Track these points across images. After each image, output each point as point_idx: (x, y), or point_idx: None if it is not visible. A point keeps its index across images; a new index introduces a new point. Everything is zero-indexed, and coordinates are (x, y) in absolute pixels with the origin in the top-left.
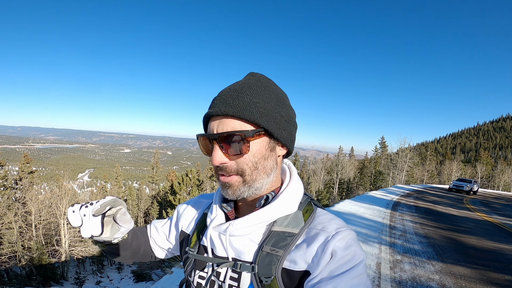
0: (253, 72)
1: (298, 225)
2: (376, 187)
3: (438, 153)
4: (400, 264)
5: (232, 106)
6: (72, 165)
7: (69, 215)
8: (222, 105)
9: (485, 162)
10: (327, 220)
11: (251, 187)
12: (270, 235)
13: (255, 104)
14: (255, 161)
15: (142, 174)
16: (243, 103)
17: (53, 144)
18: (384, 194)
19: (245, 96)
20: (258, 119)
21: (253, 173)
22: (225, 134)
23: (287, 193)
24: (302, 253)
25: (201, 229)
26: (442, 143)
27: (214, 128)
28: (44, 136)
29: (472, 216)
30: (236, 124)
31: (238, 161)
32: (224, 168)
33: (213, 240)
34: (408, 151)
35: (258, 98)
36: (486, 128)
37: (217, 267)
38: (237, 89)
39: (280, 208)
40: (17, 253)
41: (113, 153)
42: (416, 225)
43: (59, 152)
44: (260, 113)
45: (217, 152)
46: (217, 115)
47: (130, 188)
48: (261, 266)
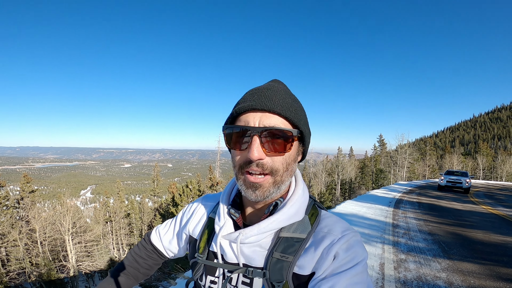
0: (276, 79)
1: (306, 230)
2: (378, 186)
3: (438, 147)
4: (405, 263)
5: (277, 103)
6: (74, 182)
7: None
8: (266, 100)
9: (485, 153)
10: (332, 223)
11: (279, 188)
12: (279, 241)
13: (295, 108)
14: (289, 162)
15: (143, 187)
16: (286, 104)
17: (53, 163)
18: (386, 192)
19: (286, 98)
20: (298, 122)
21: (284, 174)
22: (274, 129)
23: (295, 199)
24: (310, 258)
25: (208, 234)
26: (440, 137)
27: (255, 121)
28: (44, 155)
29: (477, 210)
30: (280, 121)
31: (274, 159)
32: (261, 165)
33: (223, 247)
34: (407, 147)
35: (295, 103)
36: (482, 120)
37: (229, 273)
38: (275, 90)
39: (289, 216)
40: (26, 270)
41: (114, 169)
42: (420, 222)
43: (59, 171)
44: (299, 116)
45: (257, 146)
46: (261, 109)
47: (132, 202)
48: (273, 272)
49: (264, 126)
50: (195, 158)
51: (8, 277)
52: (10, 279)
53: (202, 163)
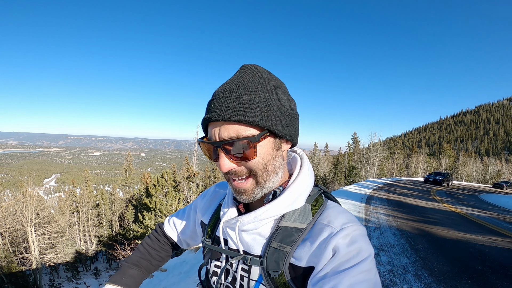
0: (246, 65)
1: (306, 220)
2: (351, 182)
3: (406, 147)
4: (377, 257)
5: (233, 110)
6: (37, 170)
7: None
8: (221, 110)
9: (448, 154)
10: (334, 214)
11: (264, 187)
12: (278, 230)
13: (256, 105)
14: (265, 163)
15: (114, 177)
16: (243, 105)
17: (14, 149)
18: (358, 189)
19: (244, 97)
20: (262, 121)
21: (264, 174)
22: (231, 141)
23: (294, 187)
24: (308, 249)
25: (215, 220)
26: (408, 137)
27: (216, 134)
28: (4, 141)
29: (440, 207)
30: (239, 128)
31: (247, 164)
32: (235, 173)
33: (226, 233)
34: (379, 145)
35: (259, 97)
36: (448, 122)
37: (230, 259)
38: (234, 89)
39: (286, 203)
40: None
41: (81, 157)
42: (389, 218)
43: (21, 157)
44: (263, 114)
45: (224, 159)
46: (217, 120)
47: (102, 192)
48: (270, 261)
49: (223, 139)
50: (170, 148)
51: None
52: None
53: (177, 153)
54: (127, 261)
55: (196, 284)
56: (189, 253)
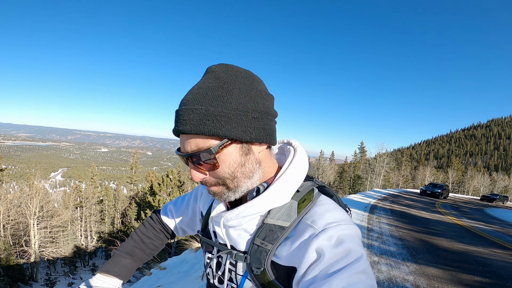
0: (211, 67)
1: (290, 218)
2: (355, 191)
3: (413, 158)
4: (377, 265)
5: (189, 123)
6: (45, 163)
7: None
8: (180, 123)
9: (456, 168)
10: (320, 213)
11: (236, 192)
12: (263, 227)
13: (212, 115)
14: (231, 171)
15: (120, 174)
16: (198, 117)
17: (25, 142)
18: (362, 198)
19: (200, 107)
20: (219, 131)
21: (234, 181)
22: (192, 154)
23: (278, 184)
24: (288, 249)
25: (209, 214)
26: (416, 149)
27: (182, 146)
28: (16, 133)
29: (443, 220)
30: (198, 141)
31: (214, 174)
32: (205, 182)
33: (215, 227)
34: (386, 156)
35: (216, 105)
36: (458, 136)
37: (220, 252)
38: (191, 100)
39: (269, 200)
40: None
41: (89, 152)
42: (392, 228)
43: (30, 150)
44: (220, 122)
45: (193, 171)
46: (177, 134)
47: (106, 188)
48: (253, 258)
49: (186, 152)
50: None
51: None
52: None
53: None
54: (120, 250)
55: (193, 284)
56: (189, 253)
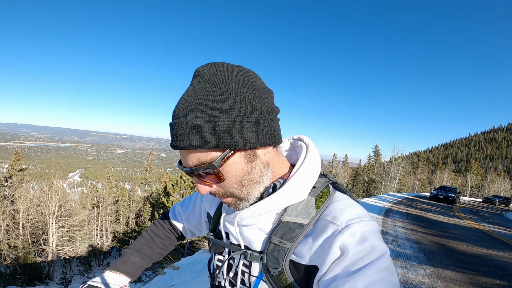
0: (198, 70)
1: (309, 215)
2: (369, 195)
3: (430, 162)
4: None
5: (185, 138)
6: (63, 164)
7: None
8: (176, 138)
9: (476, 172)
10: (340, 209)
11: (249, 200)
12: (280, 225)
13: (209, 126)
14: (239, 180)
15: (134, 175)
16: (194, 130)
17: (45, 143)
18: (376, 201)
19: (194, 119)
20: (220, 143)
21: (243, 190)
22: (195, 170)
23: (295, 179)
24: (309, 247)
25: (219, 213)
26: (434, 153)
27: (183, 160)
28: (36, 134)
29: (462, 224)
30: (199, 155)
31: (221, 185)
32: (213, 193)
33: (227, 227)
34: (401, 159)
35: (211, 114)
36: (477, 139)
37: (232, 253)
38: (183, 109)
39: (286, 197)
40: (3, 252)
41: (106, 153)
42: (408, 231)
43: (50, 151)
44: (218, 133)
45: (199, 184)
46: (176, 149)
47: (122, 189)
48: (269, 257)
49: (189, 167)
50: None
51: None
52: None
53: None
54: (130, 247)
55: (206, 283)
56: (202, 253)
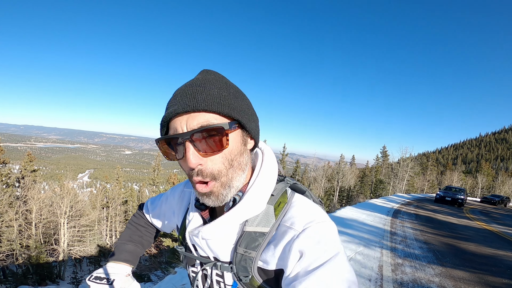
0: (206, 69)
1: (269, 223)
2: (377, 196)
3: (439, 163)
4: (401, 267)
5: (201, 100)
6: (73, 165)
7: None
8: (189, 100)
9: (486, 173)
10: (297, 214)
11: (231, 187)
12: (243, 235)
13: (224, 97)
14: (231, 158)
15: (142, 176)
16: (212, 96)
17: (55, 144)
18: (384, 202)
19: (211, 90)
20: (231, 112)
21: (229, 171)
22: (202, 129)
23: (253, 191)
24: (272, 253)
25: (185, 227)
26: (443, 153)
27: (182, 126)
28: (47, 135)
29: (471, 225)
30: (209, 117)
31: (213, 160)
32: (200, 173)
33: (194, 240)
34: (409, 160)
35: (225, 91)
36: (488, 140)
37: (204, 265)
38: (199, 84)
39: (247, 209)
40: (15, 251)
41: (114, 155)
42: (416, 232)
43: (60, 152)
44: (230, 105)
45: (192, 152)
46: (185, 111)
47: (131, 190)
48: (238, 267)
49: (192, 129)
50: None
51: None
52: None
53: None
54: (120, 239)
55: None
56: None
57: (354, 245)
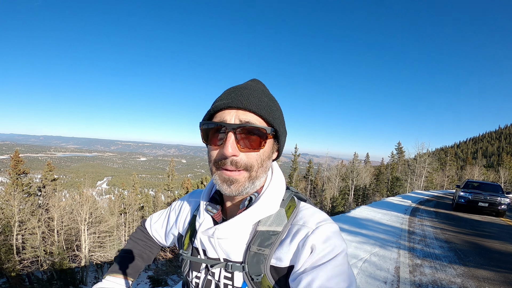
0: (256, 79)
1: (282, 223)
2: (393, 193)
3: (459, 158)
4: (420, 268)
5: (253, 103)
6: (91, 173)
7: None
8: (243, 99)
9: (509, 166)
10: (308, 215)
11: (254, 183)
12: (256, 235)
13: (270, 107)
14: (263, 159)
15: (157, 182)
16: (262, 103)
17: (74, 153)
18: (401, 200)
19: (262, 98)
20: (273, 121)
21: (259, 170)
22: (250, 126)
23: (269, 193)
24: (286, 250)
25: (192, 231)
26: (462, 147)
27: (231, 118)
28: (65, 145)
29: (496, 221)
30: (255, 119)
31: (248, 155)
32: (234, 162)
33: (204, 243)
34: (427, 156)
35: (271, 103)
36: (508, 132)
37: (211, 268)
38: (253, 89)
39: (262, 209)
40: (40, 258)
41: (130, 161)
42: (437, 230)
43: (79, 161)
44: (274, 116)
45: (232, 143)
46: (237, 107)
47: (146, 196)
48: (251, 265)
49: (240, 122)
50: None
51: (22, 265)
52: (23, 267)
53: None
54: (120, 253)
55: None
56: None
57: (369, 246)
